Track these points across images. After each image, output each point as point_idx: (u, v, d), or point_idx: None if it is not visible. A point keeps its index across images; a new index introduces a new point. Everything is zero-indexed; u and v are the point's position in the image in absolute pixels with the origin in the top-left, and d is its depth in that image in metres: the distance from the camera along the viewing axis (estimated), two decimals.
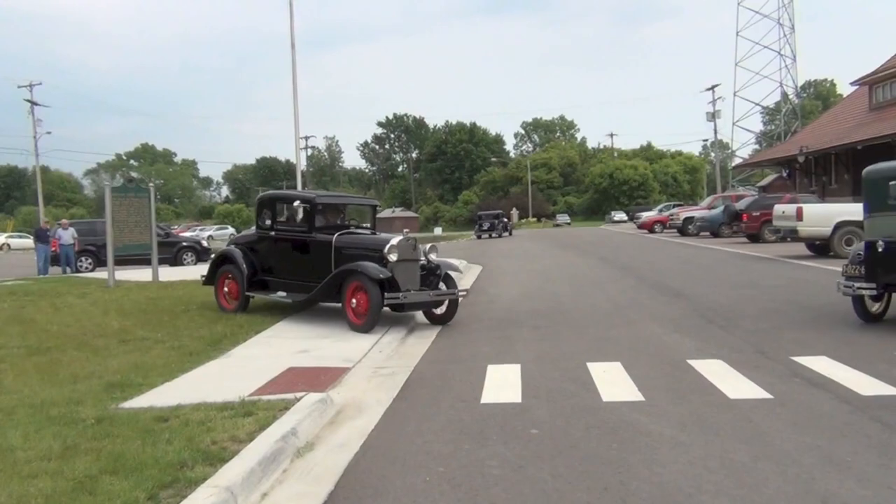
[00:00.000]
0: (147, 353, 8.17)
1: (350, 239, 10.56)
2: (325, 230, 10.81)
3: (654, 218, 45.00)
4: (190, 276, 18.21)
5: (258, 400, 5.95)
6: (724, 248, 24.81)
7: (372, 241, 10.43)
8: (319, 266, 10.44)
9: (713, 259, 20.91)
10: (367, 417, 5.79)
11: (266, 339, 9.29)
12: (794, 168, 43.10)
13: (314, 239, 10.65)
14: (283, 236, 11.14)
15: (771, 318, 9.86)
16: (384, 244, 9.95)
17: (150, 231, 17.72)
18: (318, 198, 11.09)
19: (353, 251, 10.21)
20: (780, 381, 6.43)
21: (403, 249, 9.98)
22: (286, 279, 10.99)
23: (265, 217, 11.55)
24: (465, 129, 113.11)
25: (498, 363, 7.63)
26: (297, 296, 10.64)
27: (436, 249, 10.77)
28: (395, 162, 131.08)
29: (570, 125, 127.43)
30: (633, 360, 7.52)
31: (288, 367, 7.43)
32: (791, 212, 19.71)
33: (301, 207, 10.86)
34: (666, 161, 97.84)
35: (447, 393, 6.50)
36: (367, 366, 7.75)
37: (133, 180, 21.68)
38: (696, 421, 5.34)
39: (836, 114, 44.50)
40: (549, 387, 6.54)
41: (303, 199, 10.95)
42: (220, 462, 4.43)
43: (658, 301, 12.15)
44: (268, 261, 11.31)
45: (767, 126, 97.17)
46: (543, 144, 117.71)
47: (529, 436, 5.12)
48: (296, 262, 10.91)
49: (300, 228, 10.92)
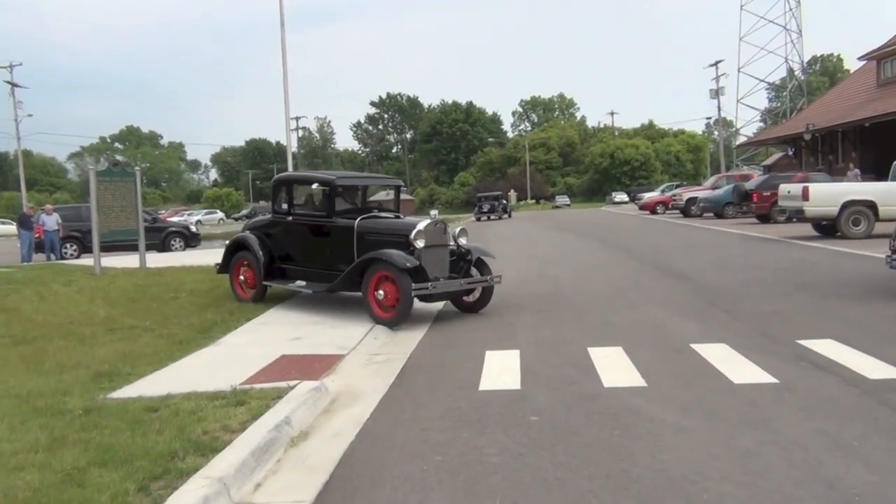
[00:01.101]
0: (135, 342, 8.17)
1: (373, 224, 10.11)
2: (346, 214, 10.39)
3: (657, 199, 45.01)
4: (178, 263, 18.20)
5: (250, 389, 5.95)
6: (728, 229, 24.83)
7: (397, 225, 9.98)
8: (341, 253, 10.04)
9: (717, 241, 20.93)
10: (363, 405, 5.80)
11: (258, 327, 9.29)
12: (800, 146, 43.09)
13: (334, 224, 10.23)
14: (301, 221, 10.71)
15: (776, 301, 9.88)
16: (410, 229, 9.52)
17: (137, 216, 17.68)
18: (339, 179, 10.64)
19: (377, 237, 9.77)
20: (786, 365, 6.46)
21: (432, 234, 9.56)
22: (305, 267, 10.59)
23: (281, 200, 11.13)
24: (461, 108, 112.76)
25: (497, 349, 7.65)
26: (317, 285, 10.23)
27: (466, 233, 10.32)
28: (388, 143, 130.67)
29: (570, 103, 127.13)
30: (635, 344, 7.54)
31: (281, 355, 7.43)
32: (797, 191, 19.70)
33: (320, 190, 10.51)
34: (668, 140, 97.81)
35: (444, 380, 6.51)
36: (362, 353, 7.76)
37: (118, 164, 21.56)
38: (700, 406, 5.36)
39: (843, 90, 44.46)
40: (550, 373, 6.55)
41: (322, 181, 10.58)
42: (212, 452, 4.43)
43: (660, 284, 12.17)
44: (285, 247, 10.93)
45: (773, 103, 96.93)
46: (542, 124, 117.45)
47: (529, 423, 5.14)
48: (315, 248, 10.49)
49: (319, 213, 10.58)
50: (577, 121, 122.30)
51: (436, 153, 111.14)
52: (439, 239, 9.71)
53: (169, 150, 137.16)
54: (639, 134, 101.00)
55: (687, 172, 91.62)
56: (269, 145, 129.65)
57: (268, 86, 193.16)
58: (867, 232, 18.48)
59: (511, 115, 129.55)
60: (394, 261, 9.06)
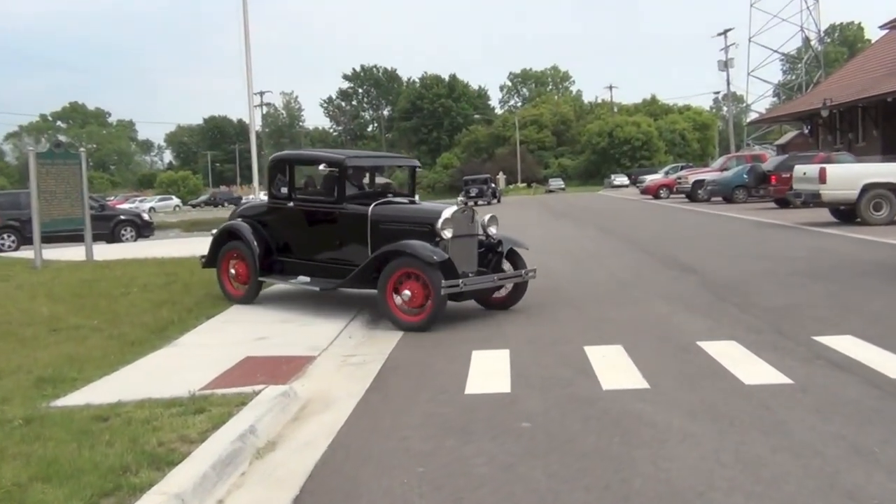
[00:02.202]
0: (82, 344, 8.11)
1: (390, 210, 9.78)
2: (356, 199, 10.02)
3: (660, 181, 45.24)
4: (129, 255, 18.08)
5: (211, 394, 5.94)
6: (739, 215, 25.00)
7: (420, 213, 9.75)
8: (352, 244, 9.75)
9: (727, 228, 21.07)
10: (336, 412, 5.79)
11: (219, 325, 9.26)
12: (817, 123, 43.39)
13: (344, 211, 9.85)
14: (305, 207, 10.31)
15: (791, 294, 9.97)
16: (436, 217, 9.20)
17: (83, 203, 17.52)
18: (350, 159, 10.20)
19: (396, 226, 9.43)
20: (801, 364, 6.52)
21: (460, 223, 9.31)
22: (308, 260, 10.20)
23: (280, 183, 10.71)
24: (444, 82, 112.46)
25: (484, 348, 7.66)
26: (324, 281, 9.86)
27: (496, 221, 10.08)
28: (363, 121, 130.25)
29: (564, 77, 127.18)
30: (636, 342, 7.58)
31: (245, 357, 7.41)
32: (813, 173, 19.83)
33: (328, 171, 10.15)
34: (673, 117, 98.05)
35: (427, 383, 6.52)
36: (336, 353, 7.76)
37: (61, 144, 21.33)
38: (708, 410, 5.40)
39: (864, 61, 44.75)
40: (543, 374, 6.58)
41: (330, 160, 10.15)
42: (169, 466, 4.41)
43: (665, 276, 12.24)
44: (284, 237, 10.56)
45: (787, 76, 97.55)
46: (533, 99, 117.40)
47: (520, 430, 5.16)
48: (321, 239, 10.14)
49: (326, 198, 10.20)
50: (572, 96, 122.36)
51: (416, 132, 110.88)
52: (467, 228, 9.50)
53: (118, 130, 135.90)
54: (640, 110, 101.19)
55: (693, 152, 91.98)
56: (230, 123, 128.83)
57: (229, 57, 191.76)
58: (889, 217, 18.66)
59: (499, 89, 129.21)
60: (420, 254, 8.73)
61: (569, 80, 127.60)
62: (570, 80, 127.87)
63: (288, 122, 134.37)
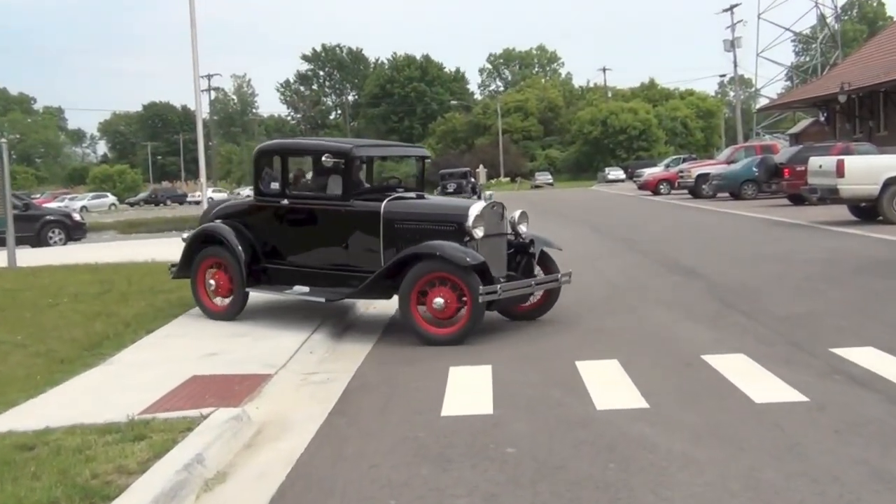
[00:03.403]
0: (3, 362, 8.02)
1: (407, 207, 9.65)
2: (364, 195, 9.89)
3: (660, 175, 45.47)
4: (58, 260, 17.91)
5: (152, 419, 5.90)
6: (748, 213, 25.20)
7: (443, 209, 9.72)
8: (361, 247, 9.54)
9: (735, 227, 21.23)
10: (296, 438, 5.78)
11: (162, 340, 9.20)
12: (834, 110, 43.86)
13: (352, 209, 9.59)
14: (302, 205, 10.08)
15: (806, 301, 10.06)
16: (463, 213, 9.06)
17: (4, 202, 17.33)
18: (357, 149, 10.01)
19: (414, 225, 9.27)
20: (818, 380, 6.57)
21: (489, 221, 9.18)
22: (306, 267, 9.90)
23: (268, 178, 10.48)
24: (416, 63, 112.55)
25: (463, 364, 7.66)
26: (329, 291, 9.62)
27: (526, 218, 9.94)
28: (326, 107, 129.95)
29: (552, 58, 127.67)
30: (634, 356, 7.62)
31: (191, 376, 7.37)
32: (829, 166, 19.97)
33: (332, 163, 9.74)
34: (674, 103, 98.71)
35: (398, 404, 6.52)
36: (295, 371, 7.73)
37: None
38: (714, 432, 5.44)
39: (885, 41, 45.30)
40: (529, 393, 6.59)
41: (335, 150, 9.82)
42: (104, 501, 4.38)
43: (665, 281, 12.31)
44: (276, 241, 10.23)
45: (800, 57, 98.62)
46: (517, 83, 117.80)
47: (504, 456, 5.16)
48: (322, 242, 9.90)
49: (329, 194, 9.98)
50: (561, 79, 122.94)
51: (385, 120, 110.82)
52: (497, 226, 9.39)
53: (45, 118, 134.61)
54: (637, 95, 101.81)
55: (697, 143, 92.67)
56: (174, 110, 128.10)
57: (171, 35, 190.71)
58: None
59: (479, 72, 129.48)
60: (453, 256, 8.57)
61: (557, 61, 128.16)
62: (559, 62, 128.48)
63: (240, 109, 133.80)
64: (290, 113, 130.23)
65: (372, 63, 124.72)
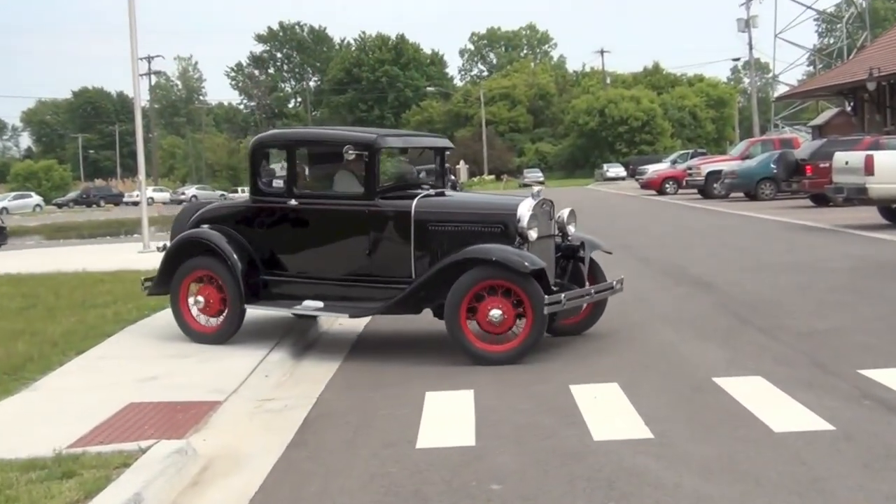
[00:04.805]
0: None
1: (443, 207, 9.61)
2: (390, 193, 9.80)
3: (665, 173, 45.71)
4: None
5: (83, 453, 5.85)
6: (765, 215, 25.34)
7: (486, 206, 9.78)
8: (387, 254, 9.35)
9: (750, 232, 21.33)
10: (249, 474, 5.75)
11: (94, 362, 9.14)
12: (862, 99, 44.18)
13: (377, 208, 9.38)
14: (314, 206, 9.81)
15: (831, 316, 10.12)
16: (512, 212, 8.99)
17: None
18: (381, 139, 9.81)
19: (452, 226, 9.17)
20: (845, 406, 6.60)
21: (540, 221, 9.10)
22: (319, 279, 9.67)
23: (268, 174, 10.32)
24: (388, 44, 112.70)
25: (441, 388, 7.66)
26: (349, 306, 9.47)
27: (575, 218, 9.90)
28: (283, 94, 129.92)
29: (543, 38, 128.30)
30: (636, 379, 7.64)
31: (128, 403, 7.33)
32: (857, 162, 20.09)
33: (354, 155, 9.46)
34: (681, 90, 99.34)
35: (367, 434, 6.50)
36: (248, 397, 7.70)
37: None
38: (728, 465, 5.45)
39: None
40: (517, 421, 6.59)
41: (358, 141, 9.56)
42: None
43: (672, 294, 12.34)
44: (279, 248, 9.97)
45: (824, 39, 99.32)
46: (503, 67, 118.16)
47: (488, 494, 5.16)
48: (340, 249, 9.65)
49: (349, 193, 9.83)
50: (553, 63, 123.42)
51: (352, 108, 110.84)
52: (546, 227, 9.34)
53: None
54: (640, 82, 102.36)
55: (707, 136, 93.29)
56: (108, 98, 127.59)
57: (106, 12, 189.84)
58: None
59: (459, 54, 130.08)
60: (511, 261, 8.51)
61: (549, 42, 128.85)
62: (551, 43, 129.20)
63: (184, 96, 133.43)
64: (243, 100, 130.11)
65: (337, 44, 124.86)
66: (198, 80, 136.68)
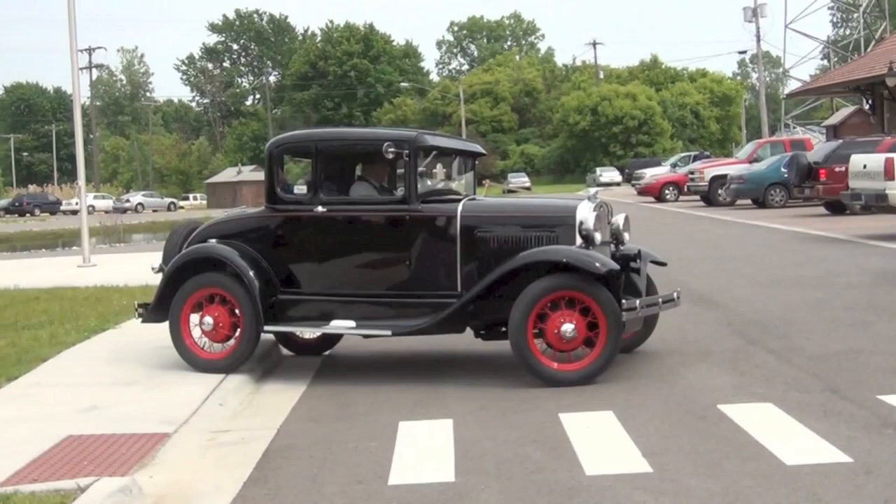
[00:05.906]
0: None
1: (493, 209, 9.81)
2: (431, 197, 9.68)
3: (665, 178, 45.93)
4: None
5: (14, 493, 5.82)
6: (774, 224, 25.46)
7: (540, 209, 9.87)
8: (430, 264, 9.27)
9: (759, 243, 21.41)
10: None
11: (28, 390, 9.08)
12: (881, 96, 44.47)
13: (418, 214, 9.28)
14: (345, 213, 9.71)
15: (848, 336, 10.17)
16: (570, 214, 9.00)
17: None
18: (422, 136, 9.68)
19: (502, 231, 9.15)
20: (864, 435, 6.63)
21: (599, 225, 9.12)
22: (346, 295, 9.52)
23: (283, 180, 10.21)
24: (358, 34, 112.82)
25: (416, 417, 7.67)
26: (389, 324, 9.28)
27: (629, 225, 9.98)
28: (240, 90, 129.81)
29: (529, 28, 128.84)
30: (633, 406, 7.65)
31: (66, 436, 7.28)
32: (876, 166, 20.19)
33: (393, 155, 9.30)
34: (682, 86, 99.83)
35: (334, 470, 6.49)
36: (201, 429, 7.66)
37: None
38: (734, 502, 5.47)
39: None
40: (501, 454, 6.59)
41: (398, 139, 9.42)
42: None
43: (672, 312, 12.32)
44: (301, 262, 9.76)
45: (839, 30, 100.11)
46: (486, 60, 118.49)
47: None
48: (374, 260, 9.61)
49: (384, 198, 9.84)
50: (540, 56, 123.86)
51: (316, 106, 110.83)
52: (604, 233, 9.36)
53: None
54: (637, 77, 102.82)
55: (711, 136, 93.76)
56: (44, 94, 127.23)
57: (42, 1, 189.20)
58: None
59: (437, 46, 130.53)
60: (583, 262, 8.49)
61: (535, 33, 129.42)
62: (538, 35, 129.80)
63: (129, 92, 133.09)
64: (195, 97, 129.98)
65: (300, 34, 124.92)
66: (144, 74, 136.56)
